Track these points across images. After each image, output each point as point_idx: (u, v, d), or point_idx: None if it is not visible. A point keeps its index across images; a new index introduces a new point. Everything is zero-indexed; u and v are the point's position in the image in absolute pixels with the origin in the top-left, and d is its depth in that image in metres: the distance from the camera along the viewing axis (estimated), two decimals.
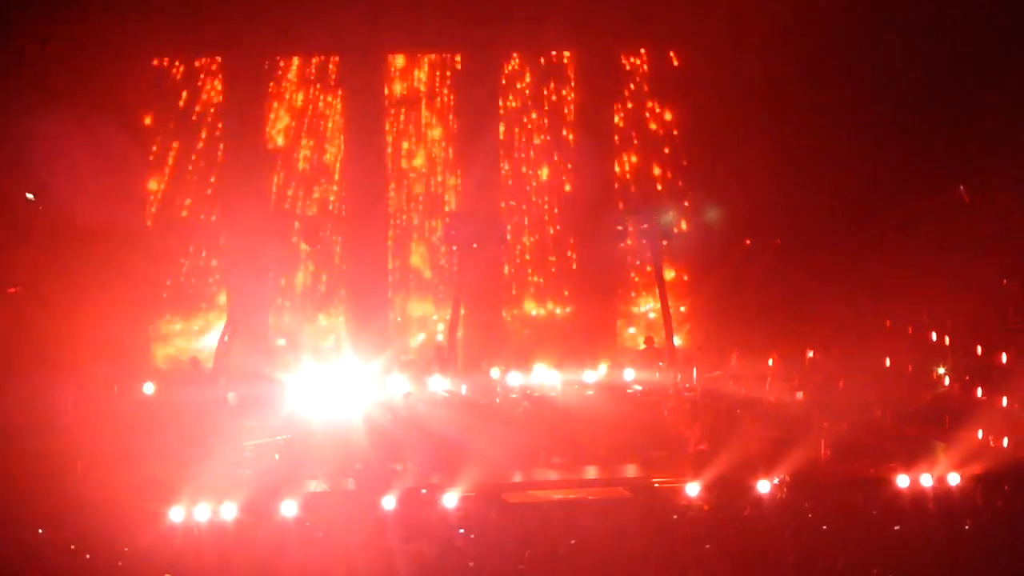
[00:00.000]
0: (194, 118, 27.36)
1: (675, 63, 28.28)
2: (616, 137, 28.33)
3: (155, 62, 27.07)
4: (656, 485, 20.97)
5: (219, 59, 27.23)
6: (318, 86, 27.75)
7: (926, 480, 20.33)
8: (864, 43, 26.18)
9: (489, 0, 26.88)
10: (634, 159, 28.47)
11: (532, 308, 28.76)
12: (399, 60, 27.93)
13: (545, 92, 28.36)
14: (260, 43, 26.89)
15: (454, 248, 26.67)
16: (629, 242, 26.83)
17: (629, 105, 28.33)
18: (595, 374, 25.04)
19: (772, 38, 26.21)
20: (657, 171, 28.52)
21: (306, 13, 26.54)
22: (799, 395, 23.76)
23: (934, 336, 25.93)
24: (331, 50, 27.67)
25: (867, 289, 25.91)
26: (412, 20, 26.93)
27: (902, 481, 20.31)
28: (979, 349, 25.05)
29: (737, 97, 26.91)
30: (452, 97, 28.11)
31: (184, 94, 27.28)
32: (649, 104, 28.40)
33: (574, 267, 28.65)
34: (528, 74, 28.27)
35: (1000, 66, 25.38)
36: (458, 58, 27.91)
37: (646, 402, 24.09)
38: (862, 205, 26.29)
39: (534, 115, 28.35)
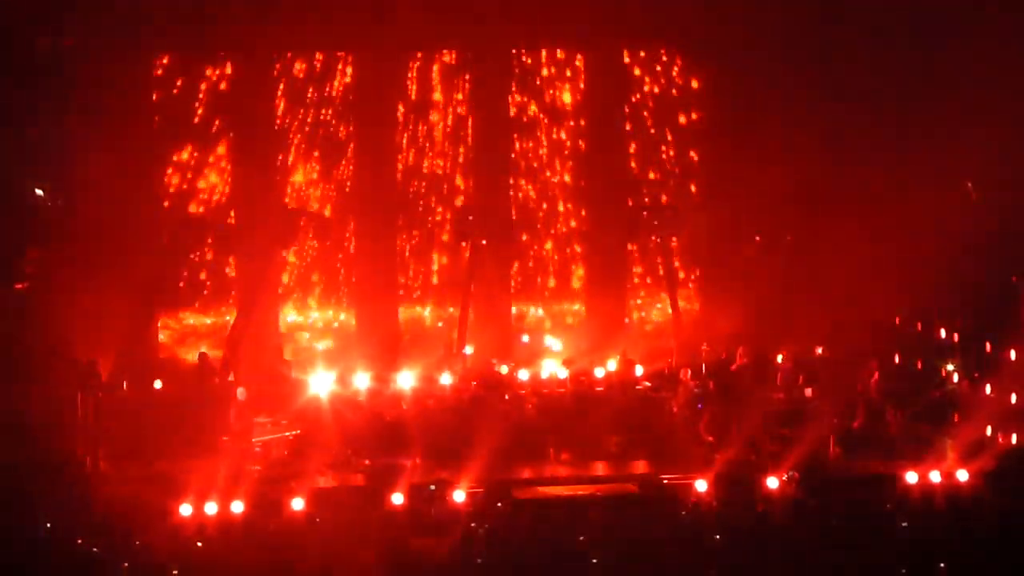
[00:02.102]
0: (205, 115, 27.39)
1: (685, 61, 28.31)
2: (627, 133, 28.30)
3: (166, 59, 27.10)
4: (665, 482, 20.95)
5: (230, 56, 27.24)
6: (326, 83, 27.82)
7: (935, 476, 20.33)
8: (877, 39, 26.20)
9: None
10: (644, 157, 28.46)
11: (540, 304, 28.77)
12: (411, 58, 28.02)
13: (556, 89, 28.36)
14: (270, 41, 26.89)
15: (464, 244, 26.86)
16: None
17: (639, 101, 28.35)
18: (604, 370, 25.04)
19: (783, 35, 26.23)
20: (668, 168, 28.58)
21: (316, 11, 26.54)
22: (808, 391, 23.74)
23: (943, 333, 25.88)
24: (341, 48, 27.69)
25: (875, 286, 25.84)
26: (422, 18, 26.92)
27: (911, 477, 20.31)
28: (988, 346, 25.01)
29: (747, 94, 26.88)
30: (463, 95, 28.11)
31: (195, 91, 27.32)
32: (660, 101, 28.39)
33: (584, 263, 28.62)
34: (539, 71, 28.27)
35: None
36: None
37: (655, 398, 24.08)
38: (870, 202, 26.23)
39: (544, 114, 28.39)
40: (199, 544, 18.43)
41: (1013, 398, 23.39)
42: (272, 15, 26.32)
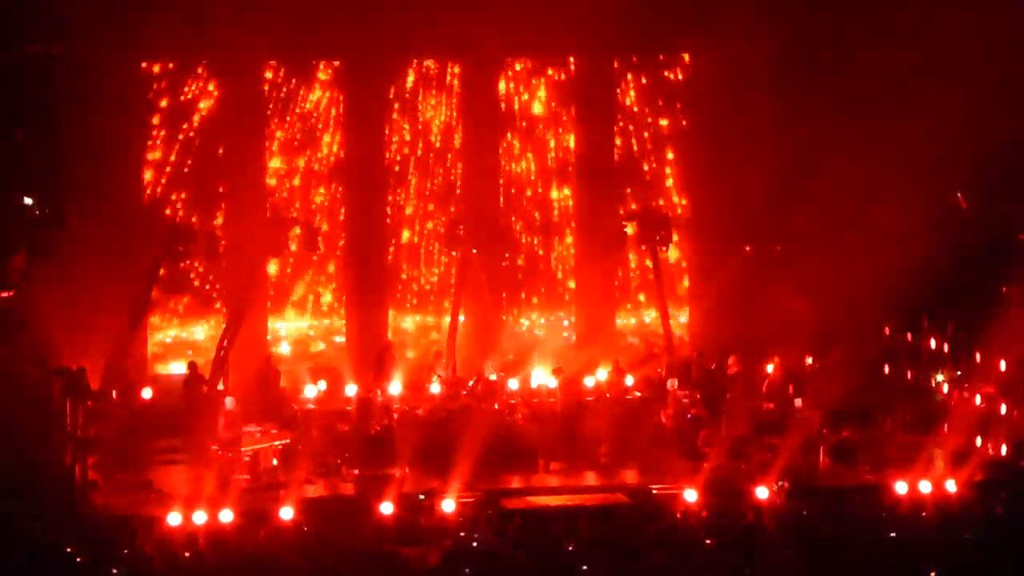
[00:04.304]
0: (192, 121, 27.34)
1: (676, 69, 28.36)
2: (617, 143, 28.30)
3: (153, 65, 27.06)
4: (655, 491, 20.94)
5: (217, 62, 27.20)
6: (315, 87, 27.83)
7: (924, 486, 20.34)
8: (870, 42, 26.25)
9: (491, 6, 26.78)
10: (635, 165, 28.47)
11: (531, 312, 28.75)
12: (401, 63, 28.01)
13: (547, 97, 28.37)
14: (258, 46, 26.83)
15: (454, 253, 26.89)
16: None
17: (632, 110, 28.41)
18: (594, 379, 25.02)
19: (774, 42, 26.29)
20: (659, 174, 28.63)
21: (306, 16, 26.51)
22: (798, 402, 23.74)
23: (933, 343, 25.91)
24: (332, 53, 27.66)
25: (868, 295, 25.84)
26: (415, 24, 26.91)
27: (900, 487, 20.32)
28: (978, 356, 25.03)
29: (737, 102, 26.88)
30: (455, 102, 28.11)
31: (182, 97, 27.28)
32: (650, 110, 28.41)
33: (574, 272, 28.61)
34: (529, 79, 28.29)
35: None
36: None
37: (645, 407, 24.05)
38: (862, 212, 26.27)
39: (536, 120, 28.42)
40: (187, 554, 18.38)
41: (1003, 408, 23.43)
42: (261, 19, 26.23)
